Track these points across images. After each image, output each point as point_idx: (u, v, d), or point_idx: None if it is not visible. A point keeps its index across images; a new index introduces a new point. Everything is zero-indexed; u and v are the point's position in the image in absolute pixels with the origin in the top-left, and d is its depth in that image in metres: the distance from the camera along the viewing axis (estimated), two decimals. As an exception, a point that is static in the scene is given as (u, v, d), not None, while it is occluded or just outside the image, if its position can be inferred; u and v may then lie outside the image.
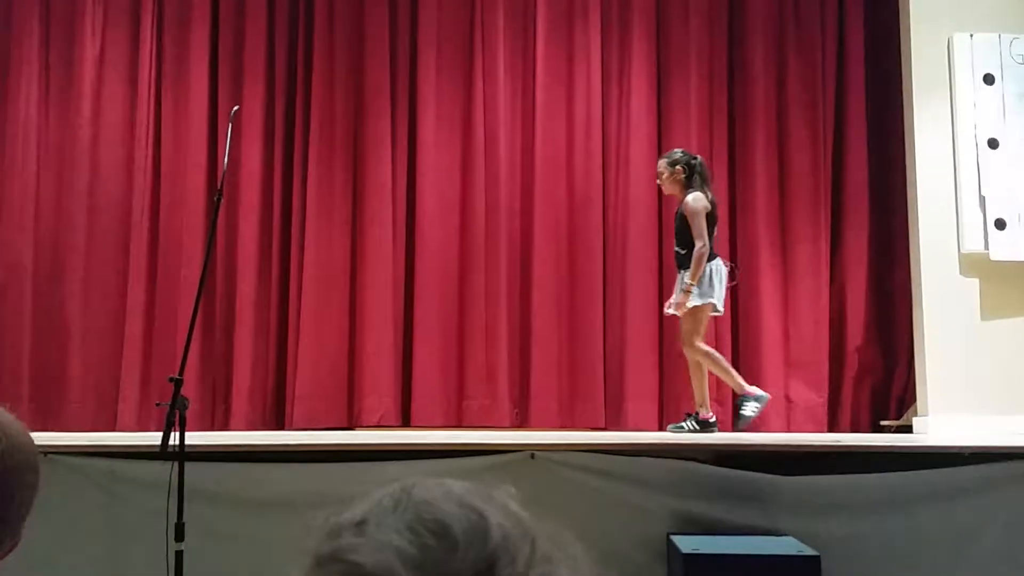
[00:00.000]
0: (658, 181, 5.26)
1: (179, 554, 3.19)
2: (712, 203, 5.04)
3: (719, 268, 4.96)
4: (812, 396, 5.92)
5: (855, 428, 5.91)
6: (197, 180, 6.00)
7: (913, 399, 5.74)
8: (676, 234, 5.09)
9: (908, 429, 5.62)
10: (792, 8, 6.27)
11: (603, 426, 5.81)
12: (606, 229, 6.07)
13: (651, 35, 6.22)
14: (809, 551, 3.26)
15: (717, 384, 5.39)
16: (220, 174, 3.65)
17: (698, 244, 4.88)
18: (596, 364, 5.90)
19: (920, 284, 5.66)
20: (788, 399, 5.91)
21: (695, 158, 5.14)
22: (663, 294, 6.02)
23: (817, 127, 6.17)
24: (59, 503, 3.44)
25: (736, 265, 5.25)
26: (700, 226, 4.90)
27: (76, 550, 3.49)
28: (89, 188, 5.97)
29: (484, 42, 6.16)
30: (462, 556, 0.55)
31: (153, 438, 3.28)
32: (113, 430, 5.62)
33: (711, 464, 3.68)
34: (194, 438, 3.23)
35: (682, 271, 4.96)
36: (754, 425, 5.81)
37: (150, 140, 6.05)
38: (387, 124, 6.08)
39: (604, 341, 5.96)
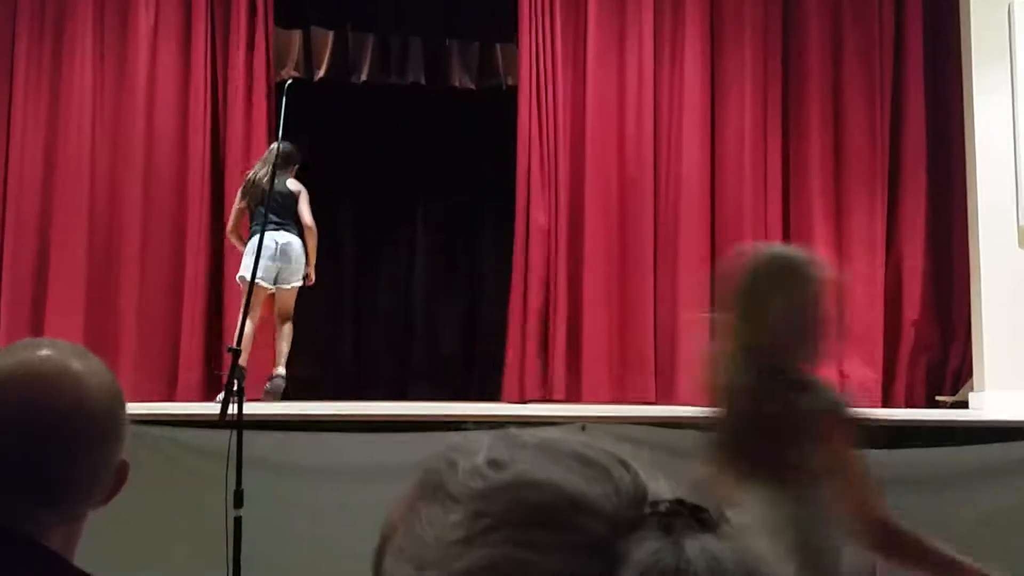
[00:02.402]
0: None
1: (238, 520, 3.28)
2: (251, 179, 5.31)
3: (254, 243, 4.79)
4: (866, 371, 5.84)
5: (909, 404, 5.83)
6: (258, 150, 5.98)
7: (970, 374, 5.65)
8: None
9: (964, 405, 5.53)
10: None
11: (654, 400, 5.79)
12: (657, 203, 6.02)
13: (704, 3, 6.12)
14: (863, 525, 3.23)
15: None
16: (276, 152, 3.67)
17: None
18: (647, 338, 5.89)
19: (978, 257, 5.55)
20: (842, 374, 5.83)
21: None
22: (716, 267, 5.97)
23: (874, 96, 6.05)
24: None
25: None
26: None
27: (136, 516, 3.59)
28: (145, 158, 5.92)
29: (534, 17, 6.09)
30: (619, 478, 0.52)
31: (212, 407, 3.35)
32: (172, 400, 5.72)
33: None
34: (253, 407, 3.30)
35: None
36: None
37: (207, 111, 6.04)
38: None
39: (655, 314, 5.93)
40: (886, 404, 5.83)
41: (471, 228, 6.92)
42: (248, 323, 4.45)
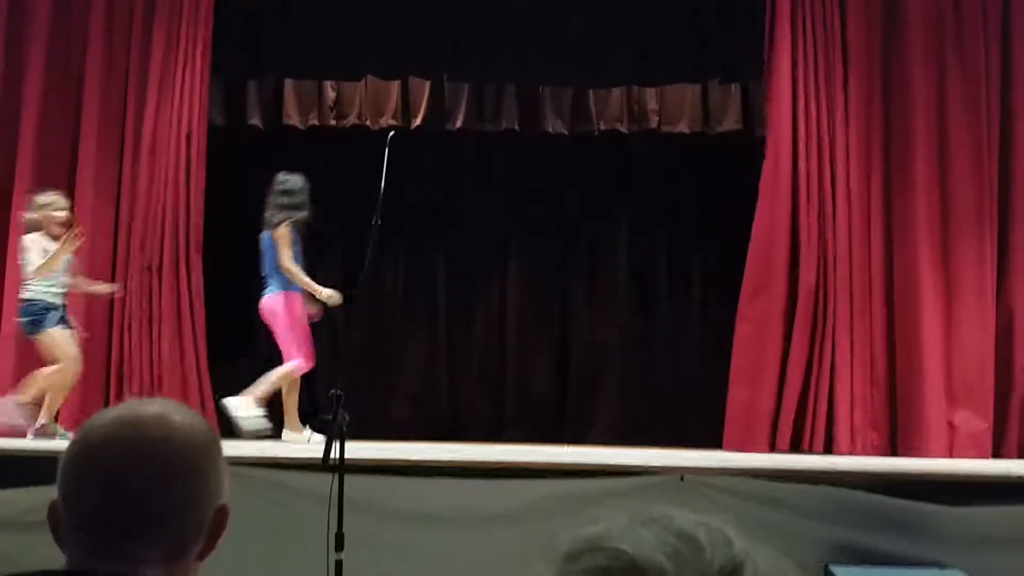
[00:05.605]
0: None
1: (339, 563, 3.31)
2: None
3: None
4: (976, 421, 5.60)
5: (1022, 455, 5.59)
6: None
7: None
8: None
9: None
10: (952, 6, 5.95)
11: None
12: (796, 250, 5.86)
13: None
14: (980, 586, 3.11)
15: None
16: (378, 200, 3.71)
17: None
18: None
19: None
20: (951, 425, 5.61)
21: None
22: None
23: (980, 131, 5.81)
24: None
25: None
26: None
27: (239, 557, 3.65)
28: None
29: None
30: (710, 558, 0.60)
31: (315, 450, 3.40)
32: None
33: (871, 492, 3.56)
34: (354, 450, 3.34)
35: None
36: (915, 451, 5.55)
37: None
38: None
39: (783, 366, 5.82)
40: (997, 455, 5.60)
41: (563, 273, 6.93)
42: None
